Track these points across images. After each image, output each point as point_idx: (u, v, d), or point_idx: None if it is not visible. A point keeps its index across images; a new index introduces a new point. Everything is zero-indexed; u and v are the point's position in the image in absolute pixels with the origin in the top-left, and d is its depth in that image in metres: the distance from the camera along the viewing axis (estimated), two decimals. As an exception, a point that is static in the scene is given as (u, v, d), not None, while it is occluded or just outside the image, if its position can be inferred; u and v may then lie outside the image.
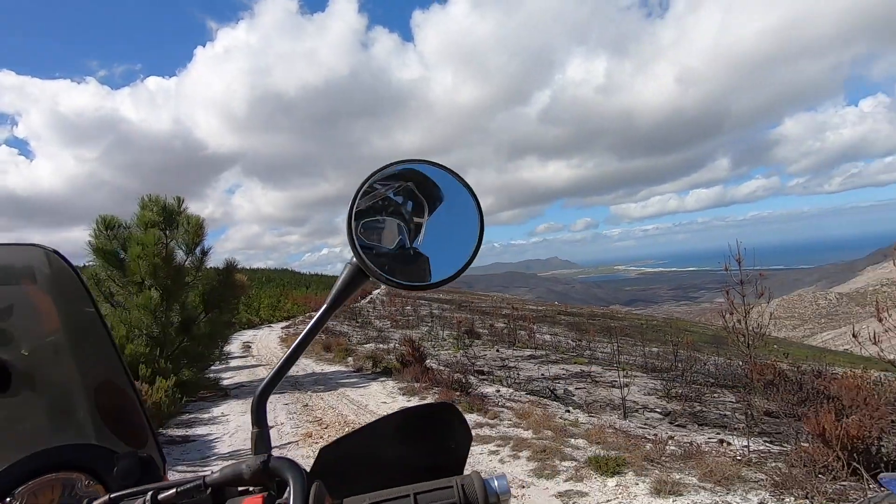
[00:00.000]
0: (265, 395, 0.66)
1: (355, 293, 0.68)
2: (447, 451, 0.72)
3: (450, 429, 0.72)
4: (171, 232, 7.24)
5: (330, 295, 0.66)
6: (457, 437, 0.73)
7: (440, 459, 0.72)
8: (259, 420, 0.66)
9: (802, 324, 55.56)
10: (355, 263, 0.65)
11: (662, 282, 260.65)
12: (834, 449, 2.88)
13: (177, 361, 7.33)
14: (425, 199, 0.68)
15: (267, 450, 0.64)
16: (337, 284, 0.66)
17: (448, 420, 0.72)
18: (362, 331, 14.84)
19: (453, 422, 0.72)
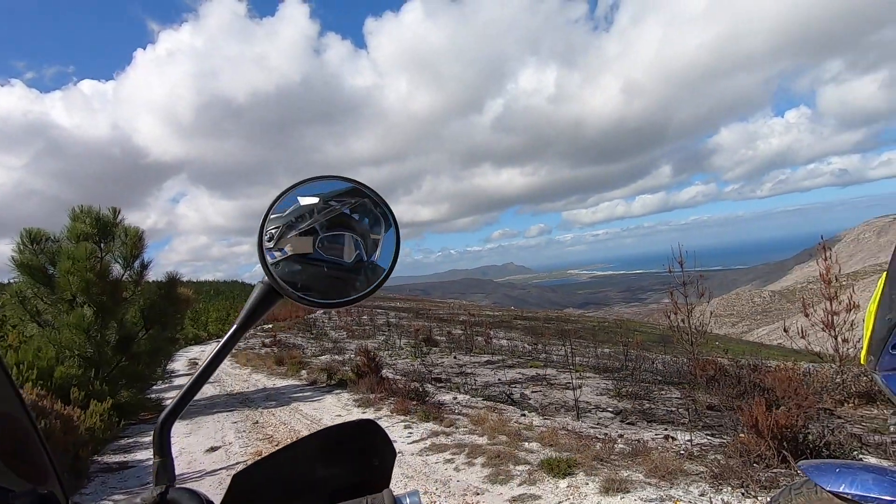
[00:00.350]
0: (168, 422, 0.62)
1: (267, 313, 0.65)
2: (370, 468, 0.71)
3: (372, 446, 0.71)
4: (106, 245, 6.80)
5: (240, 316, 0.64)
6: (380, 454, 0.71)
7: (363, 478, 0.70)
8: (162, 449, 0.62)
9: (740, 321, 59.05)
10: (267, 282, 0.63)
11: (612, 285, 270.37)
12: (766, 439, 3.06)
13: (114, 383, 6.88)
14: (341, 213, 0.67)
15: (170, 481, 0.61)
16: (247, 305, 0.63)
17: (370, 437, 0.71)
18: (317, 342, 14.49)
19: (376, 438, 0.71)
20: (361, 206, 0.68)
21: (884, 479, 1.12)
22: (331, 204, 0.66)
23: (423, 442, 4.58)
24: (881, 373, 1.01)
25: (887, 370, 0.99)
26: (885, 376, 1.00)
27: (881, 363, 1.00)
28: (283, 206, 0.65)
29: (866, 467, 1.19)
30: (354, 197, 0.67)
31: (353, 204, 0.67)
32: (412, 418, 5.42)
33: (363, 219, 0.68)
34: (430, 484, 3.60)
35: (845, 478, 1.17)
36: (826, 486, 1.19)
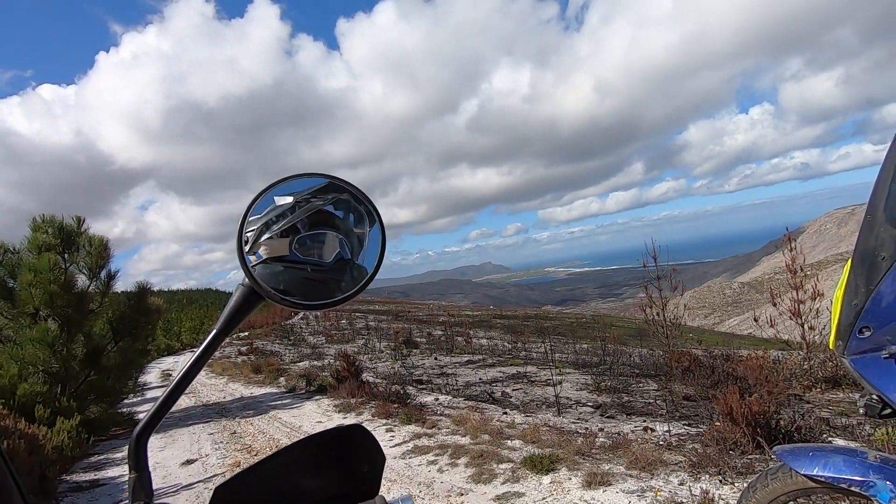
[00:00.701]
0: (144, 436, 0.59)
1: (248, 316, 0.63)
2: (359, 475, 0.68)
3: (361, 451, 0.68)
4: (70, 255, 6.55)
5: (220, 319, 0.60)
6: (369, 460, 0.69)
7: (352, 485, 0.68)
8: (138, 464, 0.58)
9: (712, 312, 60.71)
10: (248, 284, 0.60)
11: (589, 281, 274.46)
12: (740, 426, 3.14)
13: (82, 398, 6.62)
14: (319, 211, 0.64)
15: (147, 497, 0.57)
16: (228, 307, 0.60)
17: (358, 442, 0.68)
18: (295, 349, 14.26)
19: (364, 444, 0.68)
20: (342, 203, 0.65)
21: (854, 460, 1.16)
22: (308, 202, 0.63)
23: (405, 445, 4.55)
24: (849, 357, 1.04)
25: (855, 354, 1.02)
26: (854, 360, 1.03)
27: (849, 347, 1.03)
28: (262, 207, 0.62)
29: (837, 450, 1.23)
30: (333, 193, 0.65)
31: (332, 200, 0.64)
32: (394, 421, 5.37)
33: (346, 215, 0.65)
34: (413, 486, 3.58)
35: (818, 461, 1.20)
36: (800, 470, 1.22)
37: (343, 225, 0.65)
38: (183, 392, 0.61)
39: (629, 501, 2.87)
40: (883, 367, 0.96)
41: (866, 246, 0.99)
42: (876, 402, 1.01)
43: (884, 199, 0.97)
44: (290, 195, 0.63)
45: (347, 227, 0.65)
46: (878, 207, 0.98)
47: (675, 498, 2.80)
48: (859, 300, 1.00)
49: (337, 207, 0.65)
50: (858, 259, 1.02)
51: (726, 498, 2.69)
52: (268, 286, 0.59)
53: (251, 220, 0.62)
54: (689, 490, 2.84)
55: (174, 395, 0.59)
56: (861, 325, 1.00)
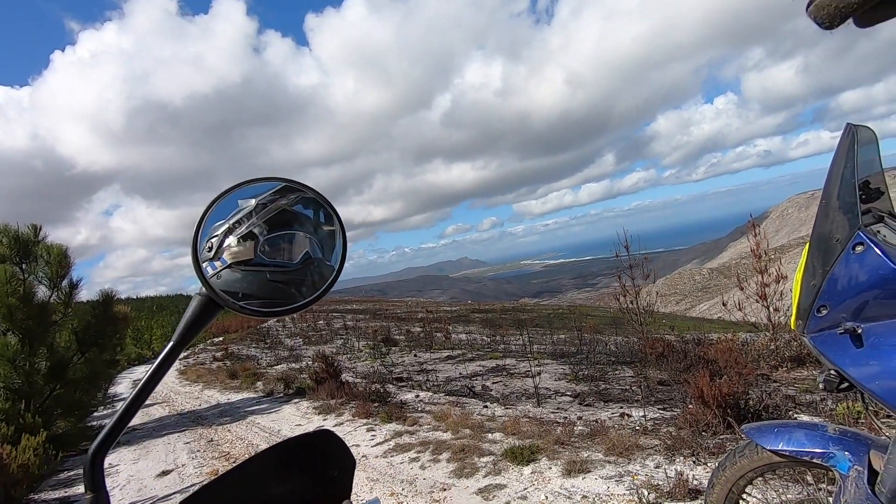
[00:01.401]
0: (101, 451, 0.56)
1: (207, 326, 0.61)
2: (330, 481, 0.68)
3: (331, 457, 0.68)
4: (28, 265, 6.27)
5: (177, 329, 0.59)
6: (339, 465, 0.68)
7: (323, 491, 0.67)
8: (94, 483, 0.56)
9: (683, 298, 62.39)
10: (205, 294, 0.58)
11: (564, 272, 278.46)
12: (711, 408, 3.24)
13: (48, 413, 6.35)
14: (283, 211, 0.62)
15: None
16: (185, 319, 0.59)
17: (328, 447, 0.68)
18: (272, 352, 14.02)
19: (334, 448, 0.68)
20: (302, 202, 0.64)
21: (815, 434, 1.22)
22: (272, 202, 0.62)
23: (386, 443, 4.53)
24: (809, 335, 1.08)
25: (814, 332, 1.07)
26: (813, 338, 1.07)
27: (808, 326, 1.08)
28: (222, 212, 0.60)
29: (800, 425, 1.29)
30: (293, 194, 0.64)
31: (294, 200, 0.64)
32: (374, 420, 5.35)
33: (307, 215, 0.64)
34: (396, 485, 3.57)
35: (783, 436, 1.26)
36: (766, 446, 1.28)
37: (307, 224, 0.64)
38: (140, 406, 0.59)
39: (608, 487, 2.93)
40: (839, 342, 1.01)
41: (822, 230, 1.04)
42: (834, 377, 1.06)
43: (837, 185, 1.02)
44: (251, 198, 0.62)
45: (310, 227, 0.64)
46: (832, 194, 1.02)
47: (652, 481, 2.87)
48: (817, 281, 1.04)
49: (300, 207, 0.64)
50: (815, 242, 1.06)
51: (700, 478, 2.77)
52: (226, 294, 0.58)
53: (215, 225, 0.60)
54: (665, 472, 2.92)
55: (131, 410, 0.57)
56: (819, 305, 1.04)
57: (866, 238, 0.96)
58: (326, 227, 0.65)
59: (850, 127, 1.05)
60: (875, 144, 1.14)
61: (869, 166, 1.11)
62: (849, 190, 1.00)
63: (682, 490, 2.60)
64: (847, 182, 1.00)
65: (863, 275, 0.96)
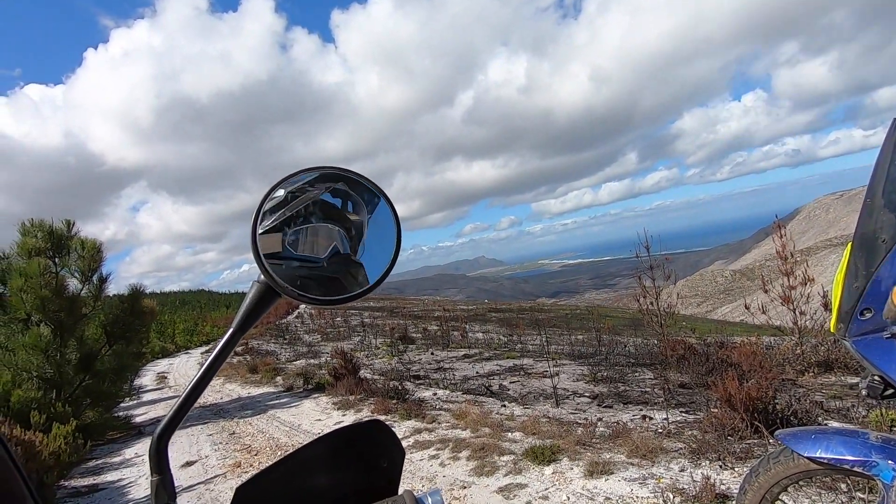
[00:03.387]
0: (165, 436, 0.58)
1: (266, 313, 0.61)
2: (379, 471, 0.68)
3: (380, 447, 0.68)
4: (61, 259, 6.47)
5: (237, 317, 0.59)
6: (388, 455, 0.69)
7: (372, 481, 0.68)
8: (160, 466, 0.58)
9: (705, 300, 61.25)
10: (264, 281, 0.58)
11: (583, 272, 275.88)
12: (738, 412, 3.18)
13: (78, 403, 6.57)
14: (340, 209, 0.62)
15: (171, 499, 0.57)
16: (244, 305, 0.59)
17: (377, 437, 0.68)
18: (291, 347, 14.21)
19: (383, 438, 0.69)
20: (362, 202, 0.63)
21: (856, 441, 1.18)
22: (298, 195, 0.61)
23: (406, 440, 4.56)
24: (851, 339, 1.06)
25: (856, 336, 1.04)
26: (856, 342, 1.04)
27: (850, 330, 1.05)
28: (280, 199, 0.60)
29: (839, 432, 1.25)
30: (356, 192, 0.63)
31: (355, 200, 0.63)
32: (393, 417, 5.38)
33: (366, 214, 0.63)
34: (416, 481, 3.59)
35: (820, 443, 1.23)
36: (803, 453, 1.25)
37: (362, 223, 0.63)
38: (202, 392, 0.60)
39: (631, 489, 2.90)
40: (885, 347, 0.98)
41: (866, 229, 1.01)
42: (878, 384, 1.03)
43: (882, 183, 0.99)
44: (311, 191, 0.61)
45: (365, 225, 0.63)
46: (877, 192, 0.99)
47: (677, 484, 2.83)
48: (860, 283, 1.02)
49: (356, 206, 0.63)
50: (858, 242, 1.03)
51: (727, 483, 2.73)
52: (285, 282, 0.58)
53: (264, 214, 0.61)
54: (691, 476, 2.87)
55: (193, 395, 0.59)
56: (862, 308, 1.01)
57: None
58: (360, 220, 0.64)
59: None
60: None
61: None
62: (895, 187, 0.97)
63: (709, 495, 2.56)
64: (893, 179, 0.97)
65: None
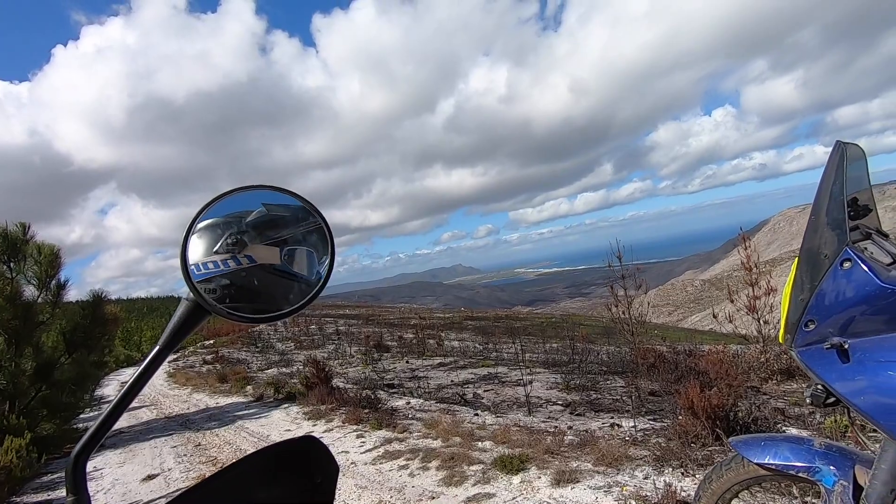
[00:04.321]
0: (83, 456, 0.55)
1: (194, 331, 0.61)
2: (314, 487, 0.67)
3: (314, 463, 0.68)
4: (16, 264, 6.19)
5: (164, 334, 0.59)
6: (323, 471, 0.68)
7: (307, 497, 0.67)
8: (76, 486, 0.55)
9: (676, 309, 62.69)
10: (192, 299, 0.58)
11: (558, 281, 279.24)
12: (701, 419, 3.25)
13: (33, 415, 6.26)
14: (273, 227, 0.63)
15: None
16: (172, 322, 0.59)
17: (311, 453, 0.68)
18: (263, 356, 13.92)
19: (317, 455, 0.68)
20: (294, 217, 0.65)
21: (801, 448, 1.23)
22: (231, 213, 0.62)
23: (376, 450, 4.50)
24: (797, 349, 1.10)
25: (802, 346, 1.08)
26: (801, 352, 1.09)
27: (796, 340, 1.09)
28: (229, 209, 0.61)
29: (787, 438, 1.30)
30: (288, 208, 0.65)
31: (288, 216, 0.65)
32: (364, 427, 5.31)
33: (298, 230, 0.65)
34: (384, 492, 3.54)
35: (769, 450, 1.27)
36: (753, 459, 1.29)
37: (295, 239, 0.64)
38: (125, 410, 0.58)
39: (596, 497, 2.92)
40: (825, 357, 1.02)
41: (811, 245, 1.06)
42: (821, 392, 1.07)
43: (826, 202, 1.04)
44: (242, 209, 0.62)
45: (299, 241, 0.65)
46: (821, 210, 1.04)
47: (640, 492, 2.87)
48: (805, 295, 1.06)
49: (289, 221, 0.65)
50: (804, 257, 1.08)
51: (688, 490, 2.78)
52: (213, 300, 0.58)
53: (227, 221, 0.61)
54: (654, 483, 2.92)
55: (115, 413, 0.56)
56: (807, 319, 1.06)
57: (853, 254, 0.98)
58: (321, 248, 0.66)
59: (840, 144, 1.07)
60: (864, 162, 1.16)
61: (857, 183, 1.13)
62: (837, 206, 1.02)
63: (671, 501, 2.60)
64: (836, 199, 1.02)
65: (850, 290, 0.98)
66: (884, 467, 1.01)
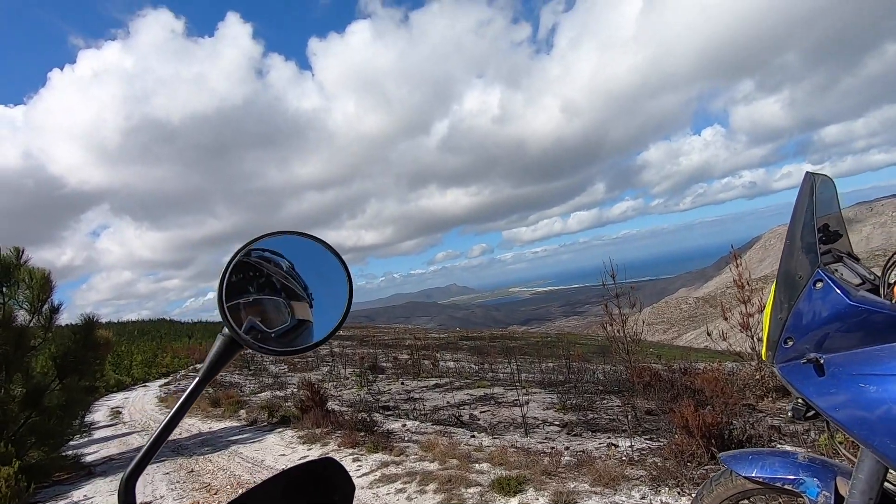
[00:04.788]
0: (134, 476, 0.65)
1: (229, 363, 0.68)
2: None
3: (332, 484, 0.73)
4: (8, 289, 6.16)
5: (203, 367, 0.67)
6: (340, 491, 0.73)
7: None
8: None
9: (671, 327, 62.72)
10: (227, 334, 0.66)
11: (553, 300, 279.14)
12: (696, 438, 3.27)
13: (21, 443, 6.14)
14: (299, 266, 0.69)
15: None
16: (210, 356, 0.67)
17: (329, 475, 0.73)
18: (256, 379, 13.77)
19: (335, 476, 0.73)
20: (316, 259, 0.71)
21: (787, 461, 1.28)
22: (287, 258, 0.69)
23: (372, 474, 4.46)
24: (778, 365, 1.16)
25: (782, 363, 1.14)
26: (781, 368, 1.15)
27: (777, 357, 1.15)
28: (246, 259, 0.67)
29: (774, 452, 1.35)
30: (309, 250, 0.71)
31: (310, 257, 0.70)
32: (360, 450, 5.26)
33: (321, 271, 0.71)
34: (381, 517, 3.50)
35: (756, 464, 1.32)
36: (741, 472, 1.34)
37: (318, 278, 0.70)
38: (169, 435, 0.67)
39: (594, 518, 2.92)
40: (803, 372, 1.08)
41: (787, 267, 1.14)
42: (801, 406, 1.13)
43: (799, 227, 1.11)
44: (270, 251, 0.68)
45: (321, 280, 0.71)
46: (795, 235, 1.12)
47: (638, 512, 2.86)
48: (783, 314, 1.12)
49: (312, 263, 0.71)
50: (781, 279, 1.15)
51: (685, 509, 2.78)
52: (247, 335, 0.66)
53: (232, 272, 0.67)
54: (650, 503, 2.92)
55: (161, 438, 0.66)
56: (785, 337, 1.12)
57: (825, 275, 1.05)
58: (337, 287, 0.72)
59: (809, 175, 1.16)
60: (833, 190, 1.25)
61: (828, 210, 1.21)
62: (809, 231, 1.10)
63: (668, 521, 2.60)
64: (807, 224, 1.10)
65: (823, 309, 1.04)
66: (861, 477, 1.06)
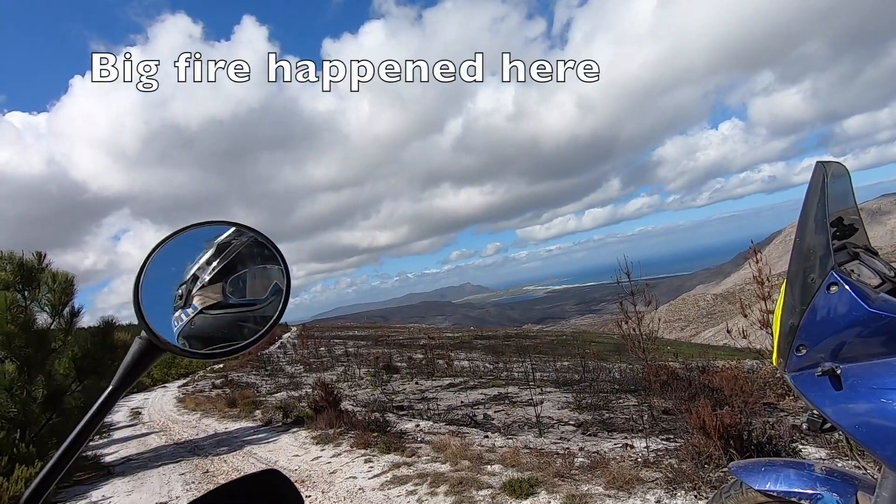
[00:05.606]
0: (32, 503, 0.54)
1: (148, 370, 0.62)
2: None
3: (277, 496, 0.69)
4: (30, 292, 6.30)
5: (117, 374, 0.59)
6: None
7: None
8: None
9: (688, 324, 61.70)
10: (145, 337, 0.59)
11: (568, 298, 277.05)
12: (713, 439, 3.18)
13: (43, 443, 6.27)
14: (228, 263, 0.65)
15: None
16: (125, 361, 0.59)
17: (274, 487, 0.69)
18: (272, 379, 13.90)
19: (281, 488, 0.69)
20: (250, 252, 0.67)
21: (803, 473, 1.19)
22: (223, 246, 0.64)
23: (384, 475, 4.45)
24: (790, 374, 1.06)
25: (794, 371, 1.05)
26: (793, 377, 1.05)
27: (789, 365, 1.06)
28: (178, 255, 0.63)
29: (789, 463, 1.25)
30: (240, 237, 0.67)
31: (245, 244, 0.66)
32: (373, 451, 5.26)
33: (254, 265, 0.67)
34: (392, 519, 3.49)
35: (770, 476, 1.23)
36: (754, 486, 1.24)
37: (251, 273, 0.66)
38: (76, 455, 0.56)
39: (608, 522, 2.86)
40: (818, 383, 0.99)
41: (797, 269, 1.03)
42: (817, 418, 1.04)
43: (809, 224, 1.02)
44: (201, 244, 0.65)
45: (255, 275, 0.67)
46: (805, 232, 1.02)
47: (653, 516, 2.80)
48: (794, 319, 1.03)
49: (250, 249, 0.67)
50: (791, 281, 1.05)
51: (702, 513, 2.71)
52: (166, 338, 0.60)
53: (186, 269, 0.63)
54: (667, 507, 2.85)
55: (65, 458, 0.55)
56: (798, 343, 1.02)
57: (840, 278, 0.95)
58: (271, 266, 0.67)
59: (820, 165, 1.05)
60: (847, 179, 1.14)
61: (842, 202, 1.11)
62: (821, 227, 0.99)
63: (684, 526, 2.53)
64: (819, 220, 1.00)
65: (839, 315, 0.94)
66: (885, 495, 0.98)
